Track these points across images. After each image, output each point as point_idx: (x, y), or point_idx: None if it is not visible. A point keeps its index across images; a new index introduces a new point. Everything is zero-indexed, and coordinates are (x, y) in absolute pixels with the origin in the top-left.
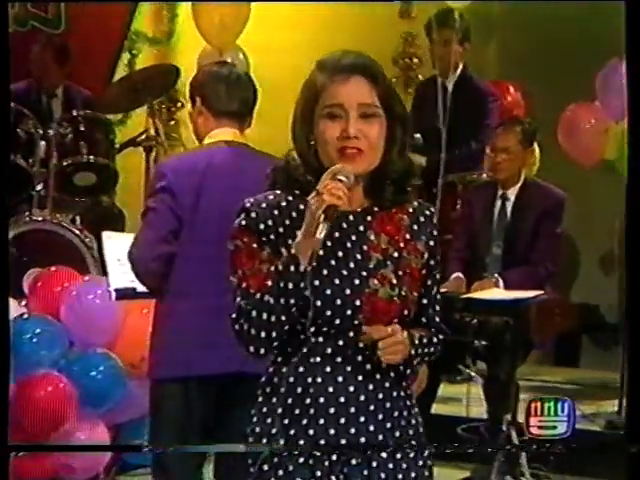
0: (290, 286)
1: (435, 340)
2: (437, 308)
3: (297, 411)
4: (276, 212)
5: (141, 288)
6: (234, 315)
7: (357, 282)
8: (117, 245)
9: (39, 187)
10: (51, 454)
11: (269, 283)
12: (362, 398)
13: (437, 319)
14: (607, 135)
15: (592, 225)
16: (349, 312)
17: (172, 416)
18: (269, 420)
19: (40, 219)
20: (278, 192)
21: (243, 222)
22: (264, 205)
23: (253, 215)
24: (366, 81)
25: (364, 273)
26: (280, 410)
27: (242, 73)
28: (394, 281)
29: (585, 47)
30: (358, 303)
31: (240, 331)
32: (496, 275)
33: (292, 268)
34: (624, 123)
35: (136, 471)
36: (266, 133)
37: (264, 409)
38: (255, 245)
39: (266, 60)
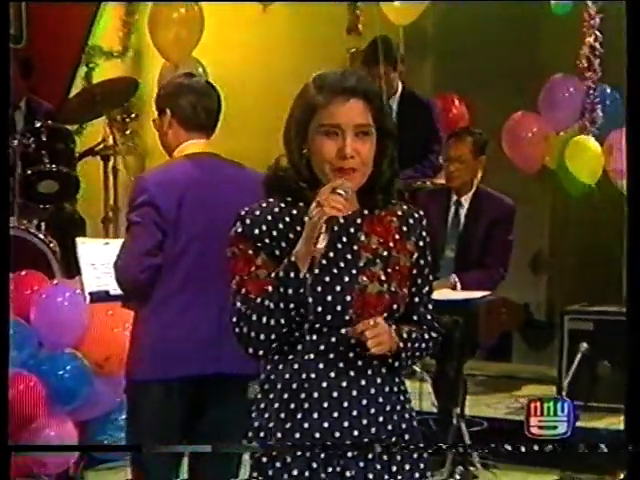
0: (290, 292)
1: (427, 337)
2: (430, 307)
3: (292, 406)
4: (269, 218)
5: (114, 291)
6: (234, 319)
7: (347, 279)
8: (90, 250)
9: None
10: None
11: (269, 288)
12: (354, 393)
13: (429, 317)
14: (547, 144)
15: (522, 227)
16: (339, 307)
17: (152, 415)
18: (267, 415)
19: None
20: (271, 200)
21: (239, 230)
22: (258, 212)
23: (248, 222)
24: (363, 103)
25: (354, 271)
26: (277, 405)
27: (208, 84)
28: (383, 277)
29: (520, 60)
30: (348, 298)
31: (240, 334)
32: (454, 277)
33: (292, 274)
34: (564, 134)
35: (101, 466)
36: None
37: (262, 404)
38: (251, 251)
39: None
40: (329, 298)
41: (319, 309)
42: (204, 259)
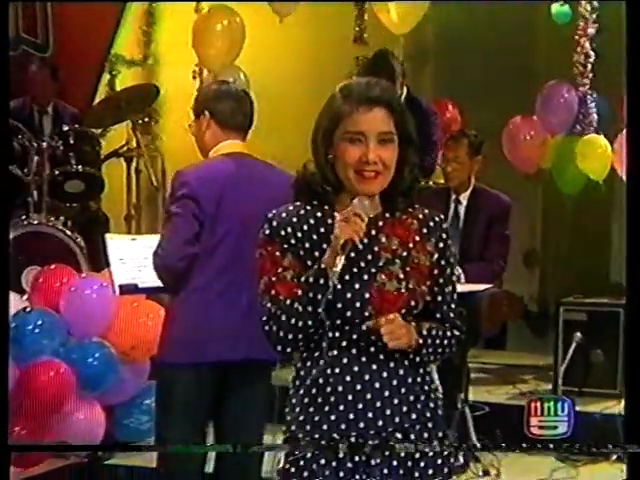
0: (319, 297)
1: (449, 334)
2: (453, 306)
3: (320, 399)
4: (295, 220)
5: (142, 284)
6: (264, 318)
7: (366, 277)
8: (118, 246)
9: (34, 194)
10: (52, 431)
11: (299, 292)
12: (377, 385)
13: (452, 315)
14: (544, 147)
15: (515, 224)
16: (358, 304)
17: (182, 397)
18: (297, 409)
19: (36, 222)
20: (298, 203)
21: (267, 231)
22: (284, 215)
23: (274, 224)
24: (386, 111)
25: (373, 270)
26: (306, 400)
27: (243, 90)
28: (401, 276)
29: (516, 66)
30: (367, 296)
31: (269, 332)
32: (458, 269)
33: (321, 281)
34: (559, 137)
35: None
36: None
37: (293, 400)
38: (278, 253)
39: None
40: (349, 295)
41: (339, 306)
42: (237, 252)
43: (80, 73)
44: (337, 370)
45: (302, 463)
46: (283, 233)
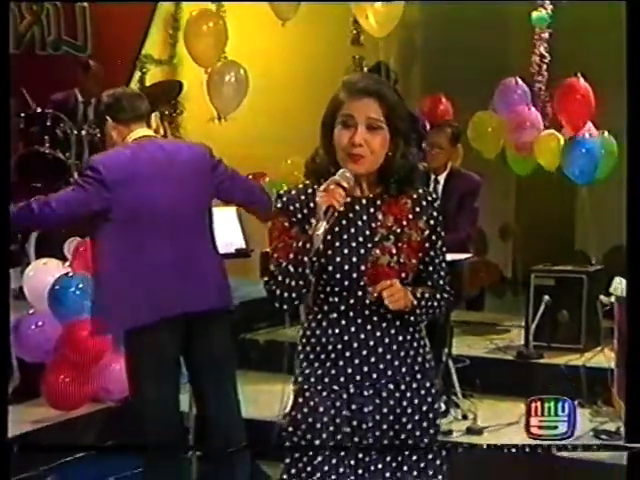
0: (305, 259)
1: (438, 297)
2: (442, 274)
3: (323, 356)
4: (302, 197)
5: None
6: (266, 278)
7: (362, 252)
8: None
9: (75, 175)
10: (93, 380)
11: (291, 256)
12: (371, 343)
13: (441, 282)
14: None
15: (492, 203)
16: (355, 275)
17: (150, 355)
18: (304, 364)
19: None
20: (307, 182)
21: (278, 205)
22: (293, 192)
23: (284, 199)
24: (374, 101)
25: (369, 245)
26: (311, 356)
27: (131, 88)
28: (394, 251)
29: (486, 67)
30: (363, 268)
31: (270, 291)
32: None
33: (307, 245)
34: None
35: None
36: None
37: (301, 355)
38: (287, 224)
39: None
40: (346, 267)
41: (337, 276)
42: (160, 218)
43: (114, 71)
44: (337, 330)
45: (306, 410)
46: (292, 208)
